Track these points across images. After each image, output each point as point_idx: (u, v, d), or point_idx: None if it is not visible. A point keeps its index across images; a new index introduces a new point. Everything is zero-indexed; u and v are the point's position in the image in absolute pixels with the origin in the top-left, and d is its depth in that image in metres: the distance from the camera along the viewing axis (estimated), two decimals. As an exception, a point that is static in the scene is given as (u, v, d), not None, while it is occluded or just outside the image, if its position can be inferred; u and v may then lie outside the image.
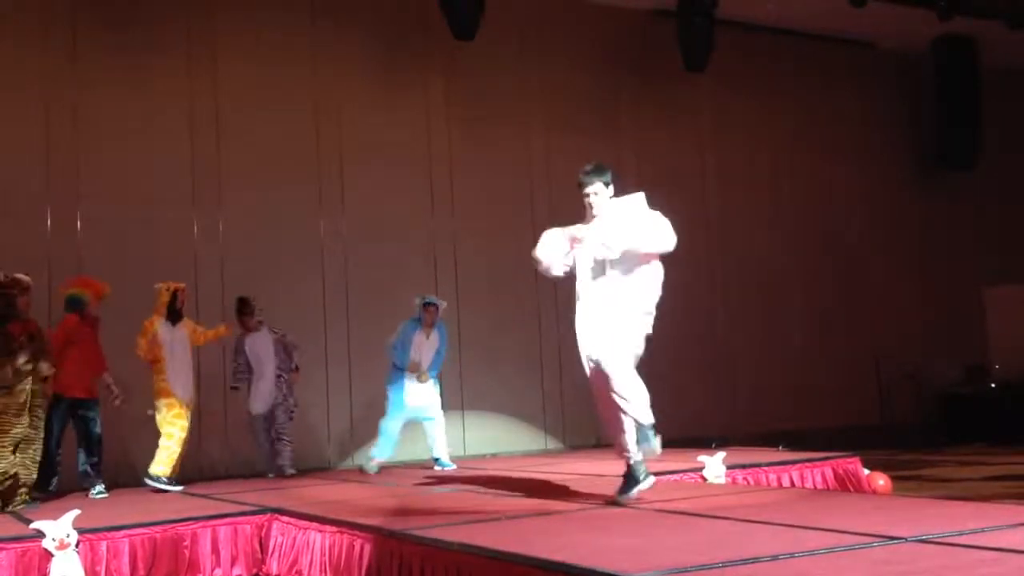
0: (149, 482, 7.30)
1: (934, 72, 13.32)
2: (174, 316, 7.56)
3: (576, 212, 11.58)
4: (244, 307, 8.23)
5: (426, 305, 8.27)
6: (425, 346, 8.24)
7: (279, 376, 8.27)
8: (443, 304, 8.43)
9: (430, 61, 10.65)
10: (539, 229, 10.96)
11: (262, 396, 8.20)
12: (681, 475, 6.65)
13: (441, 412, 8.32)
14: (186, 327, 7.67)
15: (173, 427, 7.42)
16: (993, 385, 12.49)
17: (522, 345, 10.73)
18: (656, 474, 6.58)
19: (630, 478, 5.05)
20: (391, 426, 8.24)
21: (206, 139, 9.55)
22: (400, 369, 8.19)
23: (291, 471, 8.18)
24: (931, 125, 13.52)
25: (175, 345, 7.51)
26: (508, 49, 11.09)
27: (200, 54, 9.60)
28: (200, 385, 8.00)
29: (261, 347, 8.23)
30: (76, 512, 5.05)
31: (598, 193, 5.10)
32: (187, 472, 7.85)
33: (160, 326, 7.48)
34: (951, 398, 12.62)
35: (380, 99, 10.42)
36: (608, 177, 5.12)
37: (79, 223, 8.93)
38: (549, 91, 11.29)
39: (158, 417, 7.46)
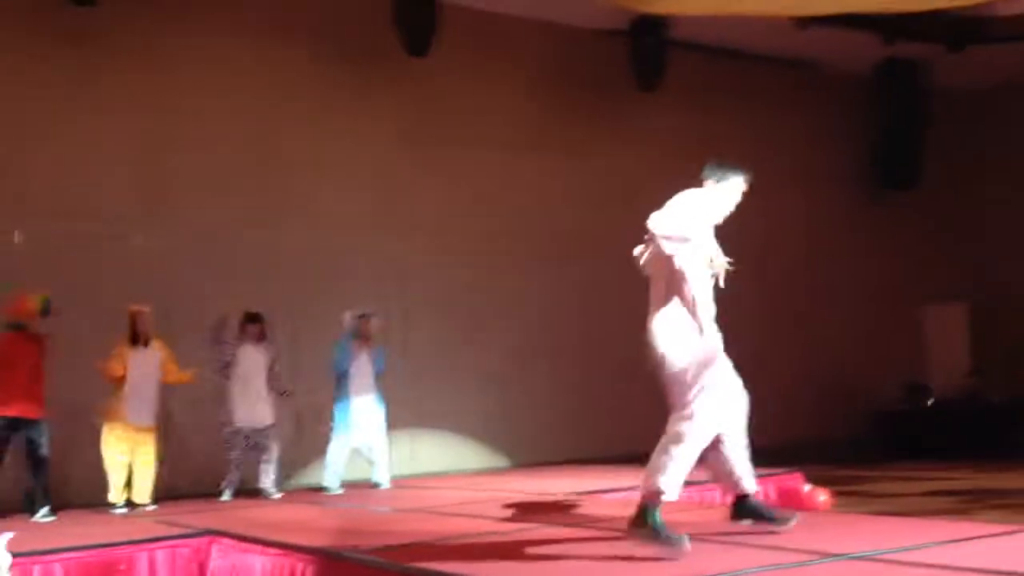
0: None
1: (878, 94, 13.62)
2: (136, 339, 7.42)
3: (526, 230, 11.62)
4: (253, 318, 8.04)
5: (361, 317, 8.20)
6: (363, 360, 8.19)
7: (270, 393, 8.05)
8: (376, 317, 8.36)
9: (383, 77, 10.60)
10: (489, 247, 11.17)
11: (251, 411, 7.94)
12: (626, 493, 6.66)
13: (384, 435, 8.24)
14: (160, 353, 7.53)
15: (109, 450, 7.31)
16: (930, 402, 12.74)
17: (470, 363, 10.69)
18: (602, 491, 6.63)
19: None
20: (336, 450, 8.16)
21: (150, 152, 9.39)
22: (344, 383, 8.11)
23: (277, 494, 7.93)
24: (874, 146, 13.81)
25: (138, 369, 7.37)
26: (461, 66, 11.09)
27: (146, 65, 9.45)
28: (168, 402, 7.84)
29: (253, 361, 8.02)
30: (9, 535, 4.91)
31: None
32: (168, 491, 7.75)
33: (127, 349, 7.40)
34: (889, 415, 12.84)
35: (329, 113, 10.35)
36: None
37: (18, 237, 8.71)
38: (502, 109, 11.31)
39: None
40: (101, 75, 9.25)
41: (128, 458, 7.33)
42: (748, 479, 4.47)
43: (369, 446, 8.25)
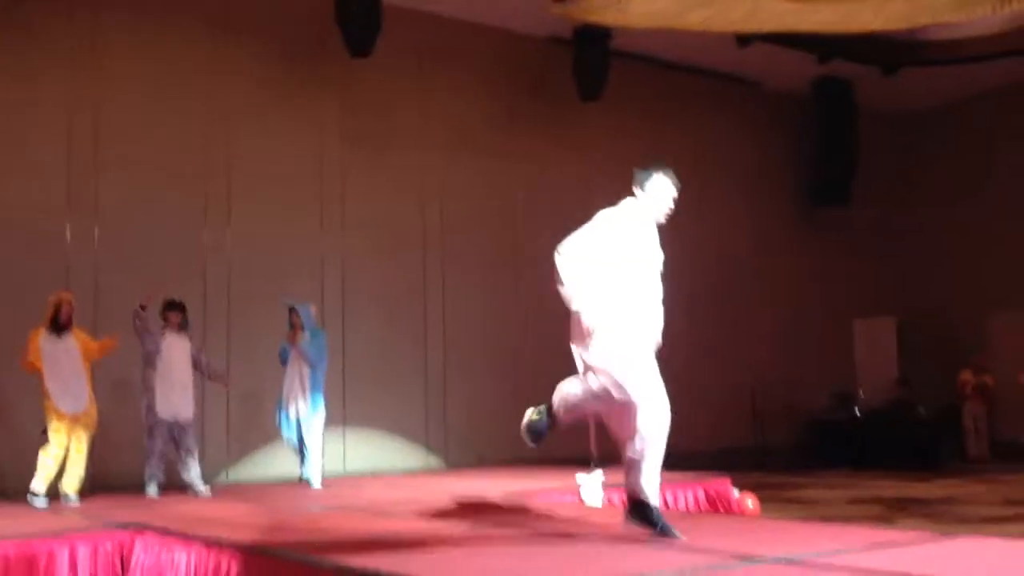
0: (29, 498, 7.06)
1: (813, 112, 13.93)
2: (57, 327, 7.25)
3: (466, 234, 11.65)
4: (173, 305, 7.88)
5: (290, 311, 8.26)
6: (295, 353, 8.21)
7: (195, 386, 7.93)
8: (307, 305, 8.36)
9: (325, 76, 10.53)
10: (430, 249, 11.18)
11: (172, 402, 7.75)
12: (558, 494, 6.71)
13: (314, 430, 8.20)
14: (77, 339, 7.37)
15: (52, 439, 7.13)
16: (858, 412, 13.05)
17: (407, 363, 10.67)
18: (535, 492, 6.67)
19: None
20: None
21: (84, 142, 9.20)
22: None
23: (204, 489, 7.76)
24: (810, 162, 14.11)
25: (59, 356, 7.20)
26: (405, 68, 11.07)
27: (82, 53, 9.26)
28: (100, 395, 7.66)
29: (177, 350, 7.86)
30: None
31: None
32: (95, 483, 7.60)
33: (43, 338, 7.21)
34: (820, 423, 13.12)
35: (272, 111, 10.24)
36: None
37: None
38: (445, 112, 11.31)
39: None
40: (34, 67, 9.04)
41: (63, 452, 7.17)
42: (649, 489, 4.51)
43: (294, 440, 8.23)
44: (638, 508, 4.51)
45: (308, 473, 8.13)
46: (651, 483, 4.49)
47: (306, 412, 8.15)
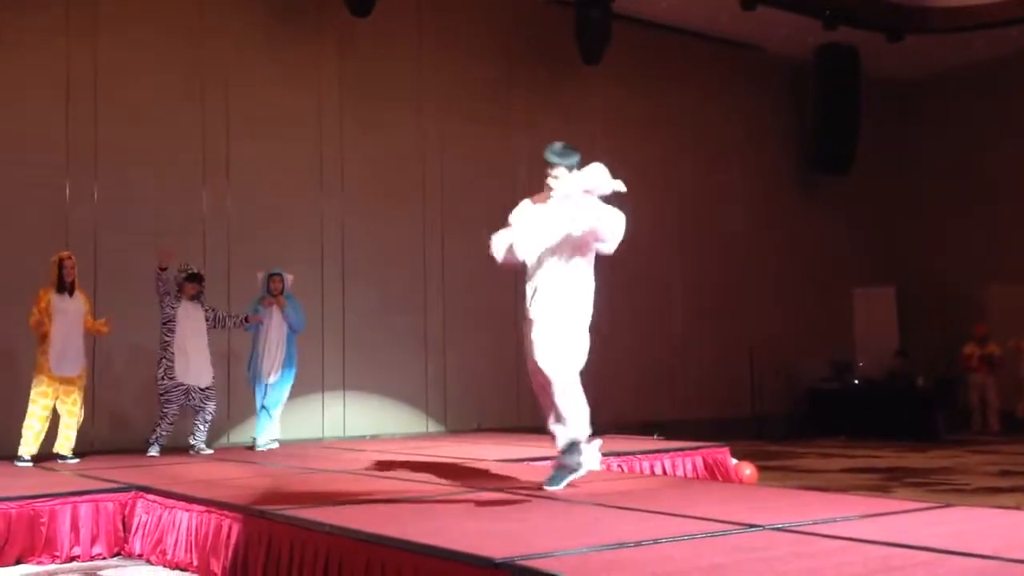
0: (15, 462, 7.11)
1: (816, 79, 13.82)
2: (62, 287, 7.25)
3: (465, 197, 11.60)
4: (192, 276, 7.91)
5: (271, 276, 8.34)
6: (276, 319, 8.29)
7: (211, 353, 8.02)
8: (286, 274, 8.46)
9: (324, 36, 10.45)
10: (429, 211, 11.17)
11: (191, 369, 7.82)
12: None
13: (280, 394, 8.35)
14: (83, 302, 7.38)
15: (35, 404, 7.16)
16: (857, 381, 13.09)
17: (406, 327, 10.69)
18: (534, 460, 6.70)
19: (562, 468, 4.98)
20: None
21: (83, 102, 9.15)
22: (255, 341, 8.33)
23: (208, 450, 7.94)
24: (811, 130, 14.03)
25: (67, 317, 7.21)
26: (404, 29, 10.97)
27: (80, 13, 9.17)
28: (95, 357, 7.68)
29: (193, 319, 7.89)
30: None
31: (558, 177, 4.98)
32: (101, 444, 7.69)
33: (54, 297, 7.22)
34: (818, 393, 13.17)
35: (270, 72, 10.18)
36: (575, 162, 5.01)
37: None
38: (444, 74, 11.23)
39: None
40: (31, 25, 8.96)
41: (48, 413, 7.19)
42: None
43: (265, 404, 8.34)
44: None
45: (263, 436, 8.26)
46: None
47: (280, 377, 8.26)
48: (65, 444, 7.25)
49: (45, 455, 7.23)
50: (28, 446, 7.12)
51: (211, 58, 9.82)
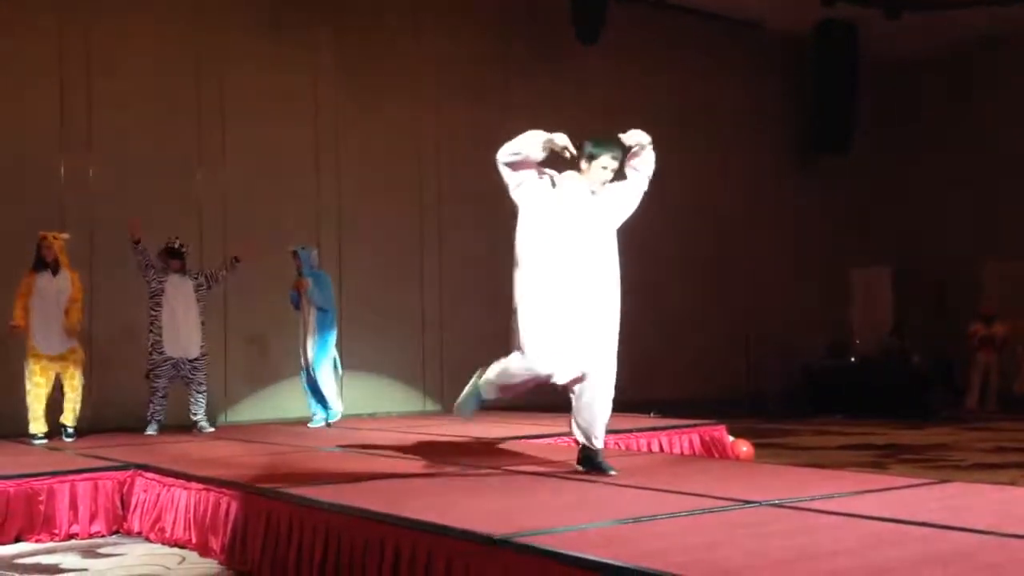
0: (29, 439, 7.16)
1: (815, 57, 13.76)
2: (41, 265, 7.22)
3: (462, 178, 11.53)
4: (173, 253, 7.87)
5: (292, 253, 8.33)
6: (303, 297, 8.28)
7: (203, 323, 7.95)
8: (309, 250, 8.42)
9: (320, 16, 10.37)
10: (425, 190, 11.13)
11: (180, 341, 7.79)
12: (555, 439, 6.77)
13: (321, 370, 8.27)
14: (69, 283, 7.31)
15: (28, 383, 7.19)
16: (853, 360, 13.12)
17: (404, 305, 10.69)
18: (532, 437, 6.73)
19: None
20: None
21: (77, 81, 9.08)
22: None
23: (209, 428, 7.91)
24: (809, 108, 13.98)
25: (47, 295, 7.18)
26: (401, 10, 10.91)
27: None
28: (92, 336, 7.67)
29: (182, 293, 7.85)
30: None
31: (607, 168, 5.10)
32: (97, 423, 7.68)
33: (38, 276, 7.20)
34: (814, 371, 13.20)
35: (266, 52, 10.11)
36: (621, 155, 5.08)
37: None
38: (441, 54, 11.16)
39: None
40: (25, 5, 8.89)
41: (46, 389, 7.20)
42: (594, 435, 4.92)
43: (304, 385, 8.34)
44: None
45: (330, 416, 8.26)
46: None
47: (313, 356, 8.22)
48: (69, 416, 7.29)
49: (51, 430, 7.28)
50: (35, 424, 7.17)
51: (206, 37, 9.75)
